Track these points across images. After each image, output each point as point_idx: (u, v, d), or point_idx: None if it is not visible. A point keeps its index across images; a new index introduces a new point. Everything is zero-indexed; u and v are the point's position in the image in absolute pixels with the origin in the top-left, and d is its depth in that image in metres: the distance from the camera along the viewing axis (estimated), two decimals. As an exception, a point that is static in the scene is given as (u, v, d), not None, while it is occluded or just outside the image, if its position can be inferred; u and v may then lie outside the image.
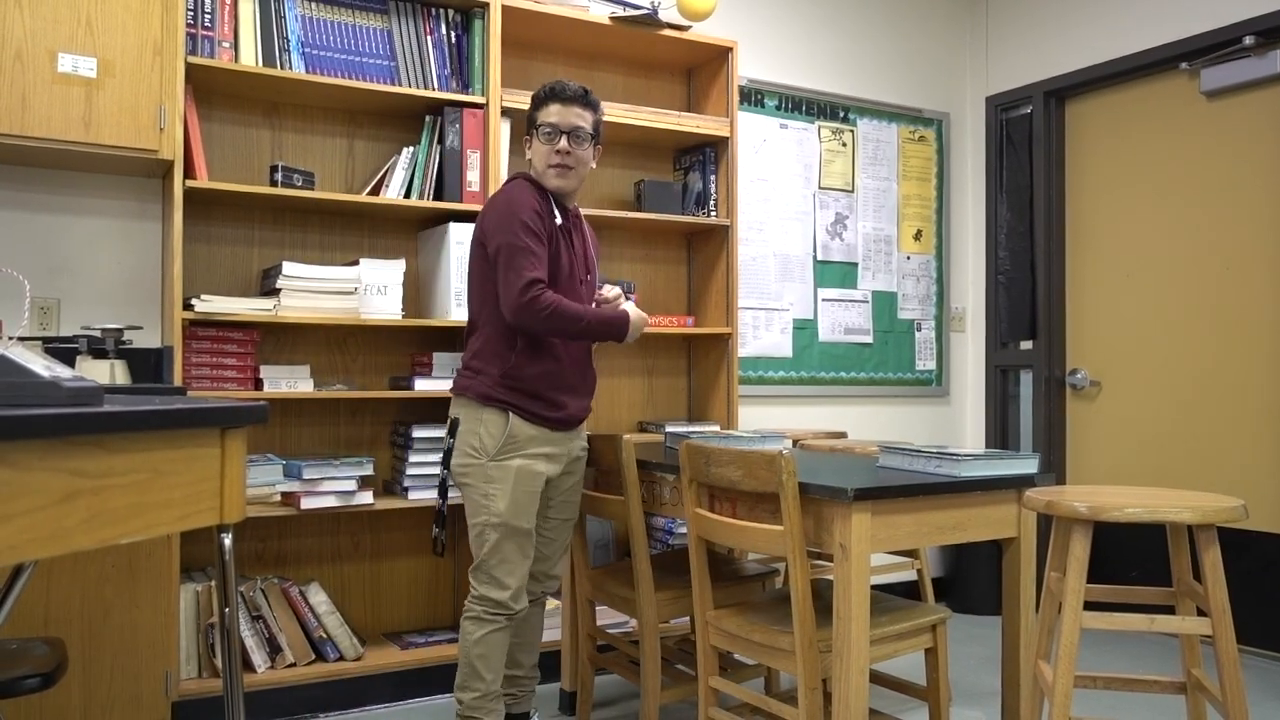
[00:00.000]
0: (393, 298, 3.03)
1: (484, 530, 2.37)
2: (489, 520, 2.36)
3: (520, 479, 2.36)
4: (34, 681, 1.69)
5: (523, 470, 2.37)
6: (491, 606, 2.37)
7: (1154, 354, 4.02)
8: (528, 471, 2.37)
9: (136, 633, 2.46)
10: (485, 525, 2.37)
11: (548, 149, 2.39)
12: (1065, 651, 1.88)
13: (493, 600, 2.37)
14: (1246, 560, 3.65)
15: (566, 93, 2.40)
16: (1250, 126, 3.70)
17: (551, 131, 2.39)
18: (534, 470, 2.39)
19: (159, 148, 2.63)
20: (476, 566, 2.39)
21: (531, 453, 2.39)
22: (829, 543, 2.08)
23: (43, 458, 1.13)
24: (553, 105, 2.40)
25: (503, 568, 2.36)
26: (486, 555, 2.37)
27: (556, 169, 2.39)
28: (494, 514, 2.36)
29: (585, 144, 2.42)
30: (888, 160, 4.41)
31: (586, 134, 2.42)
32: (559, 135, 2.38)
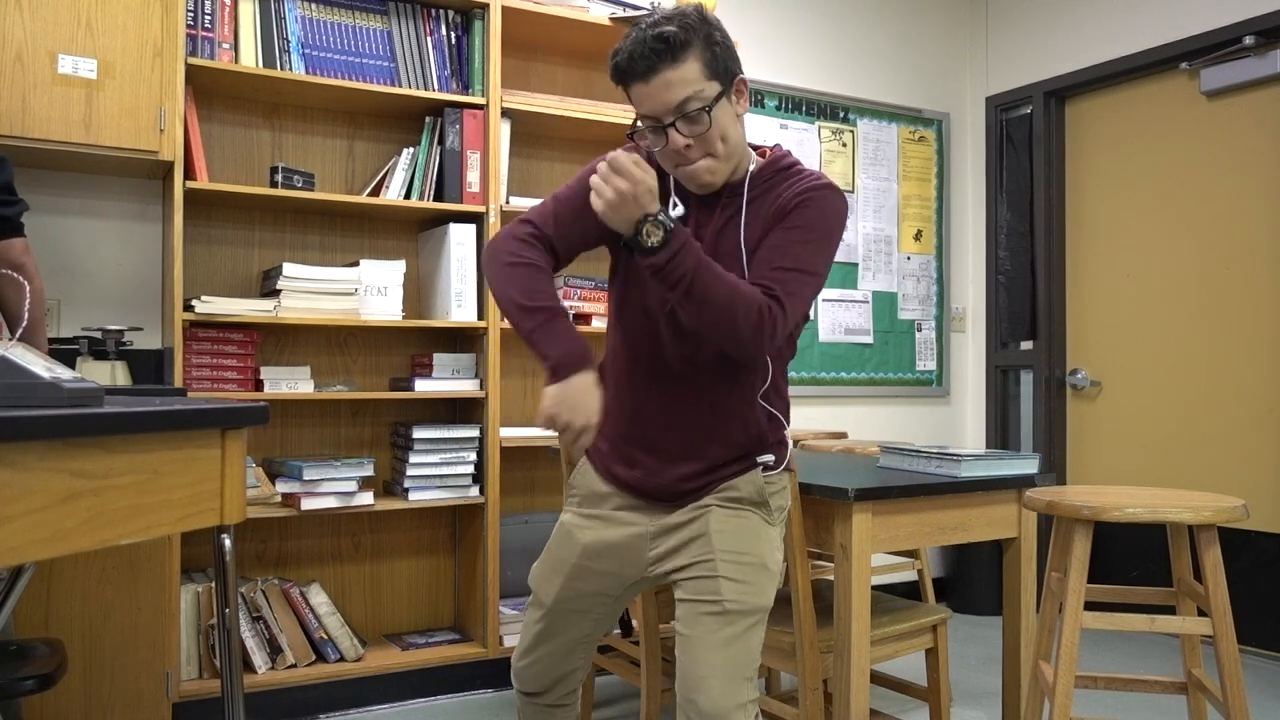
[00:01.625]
0: (393, 299, 3.03)
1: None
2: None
3: (558, 537, 1.79)
4: (34, 682, 1.69)
5: (564, 526, 1.79)
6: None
7: (1154, 354, 4.02)
8: (565, 530, 1.78)
9: (137, 633, 2.46)
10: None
11: (662, 150, 1.59)
12: (1066, 651, 1.88)
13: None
14: (1247, 560, 3.64)
15: (638, 63, 1.52)
16: (1250, 126, 3.70)
17: (652, 125, 1.57)
18: (572, 532, 1.76)
19: (159, 149, 2.63)
20: None
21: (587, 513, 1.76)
22: (829, 543, 2.08)
23: (43, 459, 1.13)
24: (635, 87, 1.55)
25: (523, 634, 1.81)
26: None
27: (686, 172, 1.60)
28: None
29: (702, 118, 1.54)
30: (888, 160, 4.41)
31: (700, 102, 1.53)
32: (662, 130, 1.56)
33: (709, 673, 1.56)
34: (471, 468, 3.10)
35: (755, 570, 1.62)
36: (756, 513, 1.67)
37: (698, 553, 1.63)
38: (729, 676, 1.56)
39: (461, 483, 3.10)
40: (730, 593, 1.59)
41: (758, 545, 1.64)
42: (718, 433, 1.65)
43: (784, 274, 1.54)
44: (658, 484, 1.68)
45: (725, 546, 1.62)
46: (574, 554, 1.72)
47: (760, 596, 1.62)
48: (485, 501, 3.09)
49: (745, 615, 1.60)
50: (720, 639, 1.57)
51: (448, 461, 3.07)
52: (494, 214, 3.11)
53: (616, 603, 1.76)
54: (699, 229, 1.64)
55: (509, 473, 3.39)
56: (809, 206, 1.59)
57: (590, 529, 1.73)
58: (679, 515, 1.67)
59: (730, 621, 1.58)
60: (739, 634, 1.59)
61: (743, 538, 1.64)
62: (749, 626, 1.60)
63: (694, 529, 1.65)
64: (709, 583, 1.60)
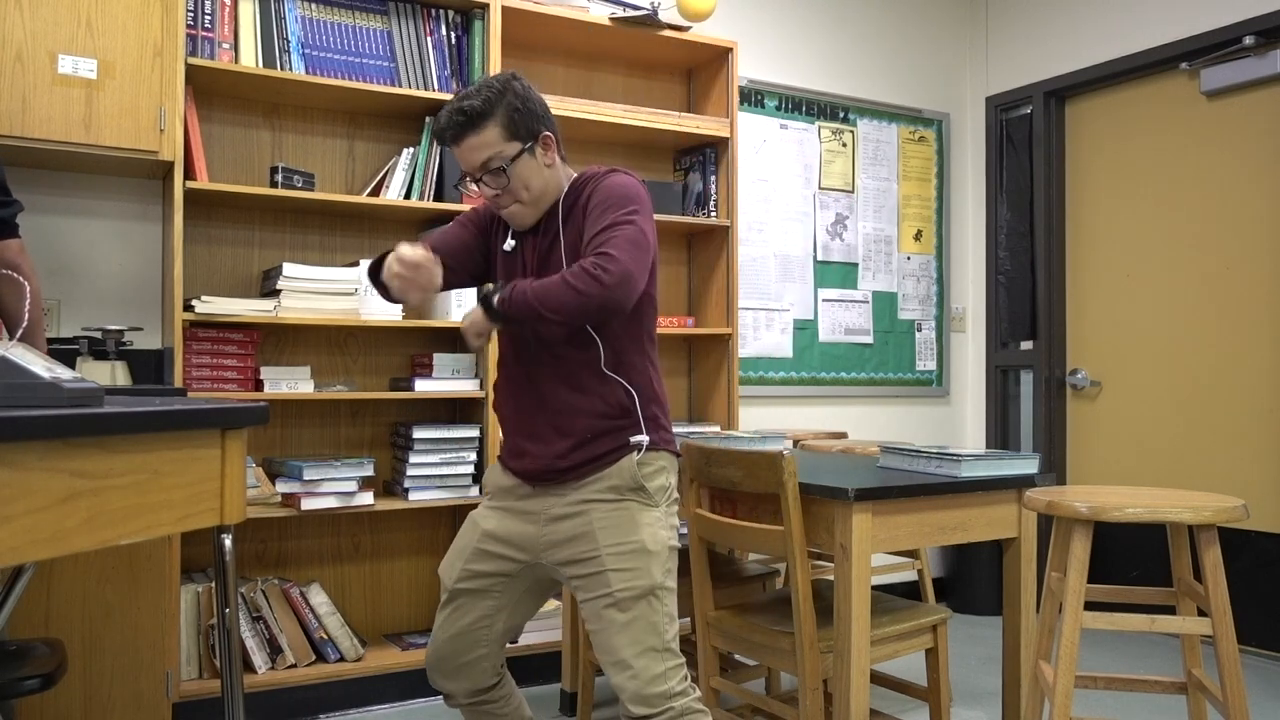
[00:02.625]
0: (393, 298, 3.02)
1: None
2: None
3: (464, 528, 2.01)
4: (34, 682, 1.69)
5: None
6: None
7: (1154, 354, 4.02)
8: (470, 521, 2.00)
9: (137, 634, 2.46)
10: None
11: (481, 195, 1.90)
12: (1066, 651, 1.88)
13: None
14: (1246, 560, 3.65)
15: (446, 132, 1.84)
16: (1250, 126, 3.70)
17: (470, 177, 1.88)
18: (475, 520, 1.98)
19: (159, 149, 2.63)
20: None
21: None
22: (829, 543, 2.08)
23: (43, 459, 1.13)
24: (451, 149, 1.87)
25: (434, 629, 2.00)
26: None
27: (502, 215, 1.91)
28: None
29: (502, 174, 1.83)
30: (888, 160, 4.41)
31: (500, 160, 1.82)
32: (476, 181, 1.86)
33: (624, 655, 1.77)
34: (471, 468, 3.10)
35: (638, 555, 1.80)
36: (634, 499, 1.84)
37: (584, 549, 1.82)
38: (640, 653, 1.77)
39: (461, 483, 3.10)
40: (618, 582, 1.78)
41: (637, 531, 1.82)
42: (577, 406, 1.85)
43: (598, 237, 1.76)
44: (541, 466, 1.87)
45: (608, 541, 1.81)
46: (474, 539, 1.93)
47: (645, 577, 1.80)
48: (485, 501, 3.09)
49: (638, 598, 1.78)
50: (622, 623, 1.78)
51: (448, 461, 3.07)
52: (494, 214, 3.11)
53: (511, 587, 1.92)
54: (530, 252, 1.91)
55: (509, 473, 3.38)
56: (598, 190, 1.84)
57: (492, 517, 1.93)
58: (566, 506, 1.86)
59: (625, 608, 1.78)
60: (636, 616, 1.78)
61: (623, 528, 1.81)
62: (644, 606, 1.79)
63: (579, 524, 1.84)
64: (599, 578, 1.80)
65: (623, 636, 1.77)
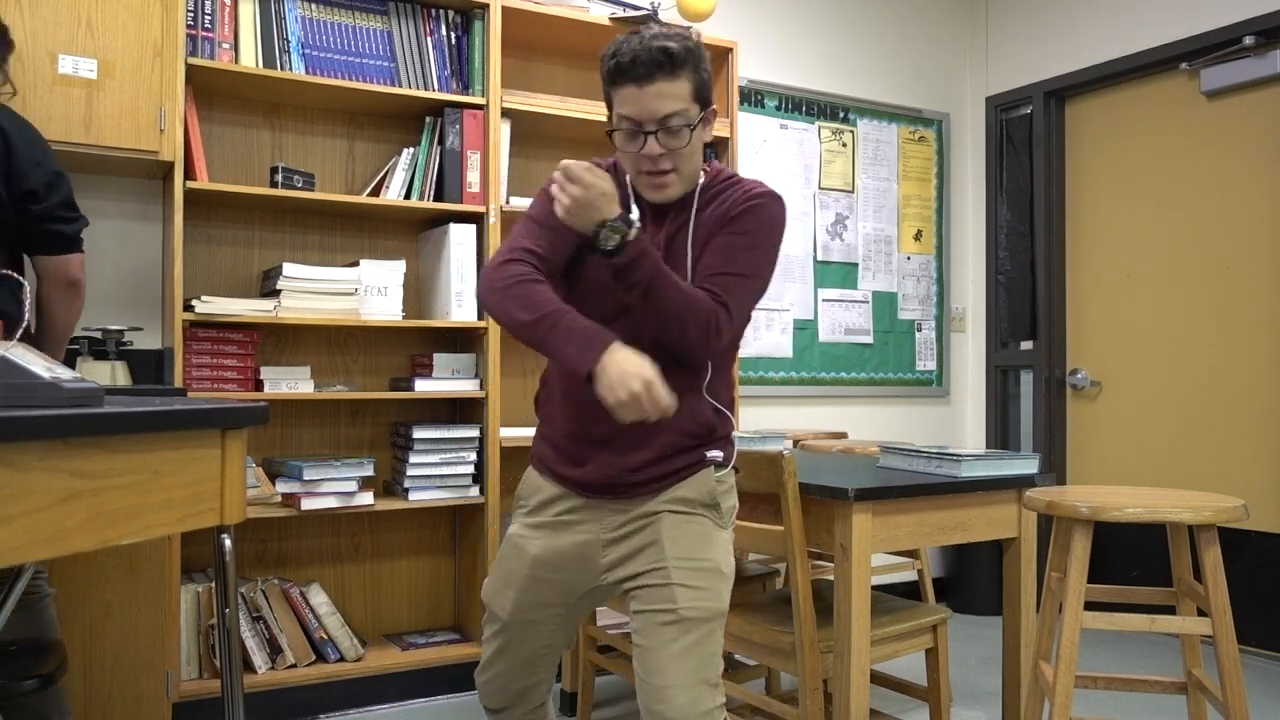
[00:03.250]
0: (393, 299, 3.03)
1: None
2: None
3: (507, 551, 1.78)
4: (34, 683, 1.69)
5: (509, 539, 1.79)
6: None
7: (1154, 354, 4.02)
8: (512, 544, 1.77)
9: (137, 633, 2.46)
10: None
11: (633, 153, 1.62)
12: (1066, 651, 1.88)
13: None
14: (1246, 560, 3.65)
15: (638, 68, 1.56)
16: (1250, 126, 3.70)
17: (631, 128, 1.61)
18: (519, 544, 1.76)
19: (159, 149, 2.63)
20: None
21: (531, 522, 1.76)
22: (829, 543, 2.08)
23: (43, 459, 1.13)
24: (626, 89, 1.58)
25: (484, 648, 1.81)
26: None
27: (650, 179, 1.64)
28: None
29: (682, 134, 1.59)
30: (888, 160, 4.41)
31: (684, 120, 1.59)
32: (641, 135, 1.60)
33: (671, 682, 1.56)
34: (471, 468, 3.10)
35: (710, 575, 1.62)
36: (708, 516, 1.67)
37: (650, 560, 1.62)
38: (691, 684, 1.56)
39: (461, 483, 3.10)
40: (686, 600, 1.58)
41: (711, 549, 1.64)
42: (667, 420, 1.62)
43: (729, 279, 1.61)
44: (608, 477, 1.65)
45: (678, 553, 1.61)
46: (524, 566, 1.70)
47: (717, 601, 1.61)
48: (485, 501, 3.09)
49: (702, 622, 1.59)
50: (679, 648, 1.57)
51: (448, 461, 3.07)
52: (494, 214, 3.11)
53: (571, 612, 1.74)
54: (651, 237, 1.68)
55: (509, 473, 3.38)
56: (751, 214, 1.65)
57: (538, 539, 1.71)
58: (630, 521, 1.66)
59: (687, 630, 1.57)
60: (697, 641, 1.58)
61: (696, 543, 1.63)
62: (707, 633, 1.59)
63: (646, 536, 1.64)
64: (663, 591, 1.60)
65: (679, 662, 1.56)
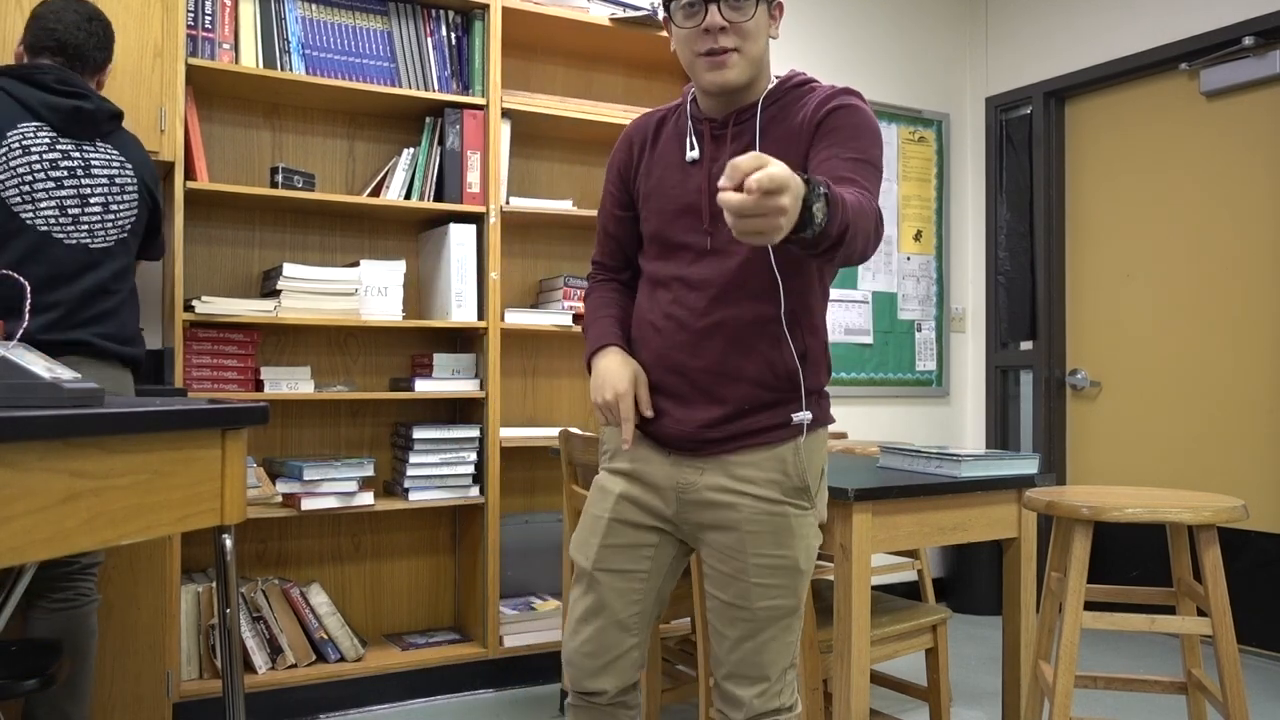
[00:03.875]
0: (393, 299, 3.03)
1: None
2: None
3: (593, 496, 1.72)
4: (34, 682, 1.69)
5: (596, 484, 1.73)
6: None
7: (1154, 354, 4.02)
8: (598, 487, 1.71)
9: (137, 633, 2.46)
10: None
11: (691, 32, 1.53)
12: (1066, 651, 1.89)
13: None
14: (1246, 560, 3.65)
15: None
16: (1250, 126, 3.70)
17: (693, 3, 1.52)
18: (604, 487, 1.69)
19: (159, 149, 2.63)
20: None
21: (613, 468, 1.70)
22: (829, 543, 2.08)
23: (43, 459, 1.13)
24: None
25: (569, 616, 1.71)
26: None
27: (708, 59, 1.53)
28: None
29: (749, 6, 1.51)
30: (887, 161, 4.41)
31: None
32: (702, 6, 1.51)
33: (753, 674, 1.58)
34: (472, 468, 3.10)
35: (787, 573, 1.58)
36: (793, 503, 1.59)
37: (728, 544, 1.58)
38: (770, 675, 1.58)
39: (461, 483, 3.10)
40: (760, 599, 1.56)
41: (790, 543, 1.58)
42: (740, 370, 1.56)
43: (862, 166, 1.48)
44: (681, 431, 1.59)
45: (757, 548, 1.56)
46: (608, 508, 1.64)
47: (791, 597, 1.59)
48: (485, 501, 3.10)
49: (778, 619, 1.58)
50: (757, 644, 1.58)
51: (448, 461, 3.07)
52: (494, 214, 3.11)
53: (660, 556, 1.65)
54: (712, 162, 1.59)
55: (509, 473, 3.39)
56: (849, 112, 1.53)
57: (620, 481, 1.65)
58: (709, 490, 1.59)
59: (764, 627, 1.57)
60: (775, 636, 1.58)
61: (776, 537, 1.57)
62: (783, 628, 1.59)
63: (723, 516, 1.58)
64: (737, 585, 1.57)
65: (758, 656, 1.58)
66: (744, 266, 1.55)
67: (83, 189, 2.14)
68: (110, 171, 2.19)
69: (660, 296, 1.62)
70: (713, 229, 1.57)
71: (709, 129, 1.61)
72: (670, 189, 1.62)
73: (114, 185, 2.20)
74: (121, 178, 2.22)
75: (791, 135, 1.56)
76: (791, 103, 1.59)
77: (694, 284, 1.57)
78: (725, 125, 1.59)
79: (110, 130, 2.22)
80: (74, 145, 2.14)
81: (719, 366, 1.56)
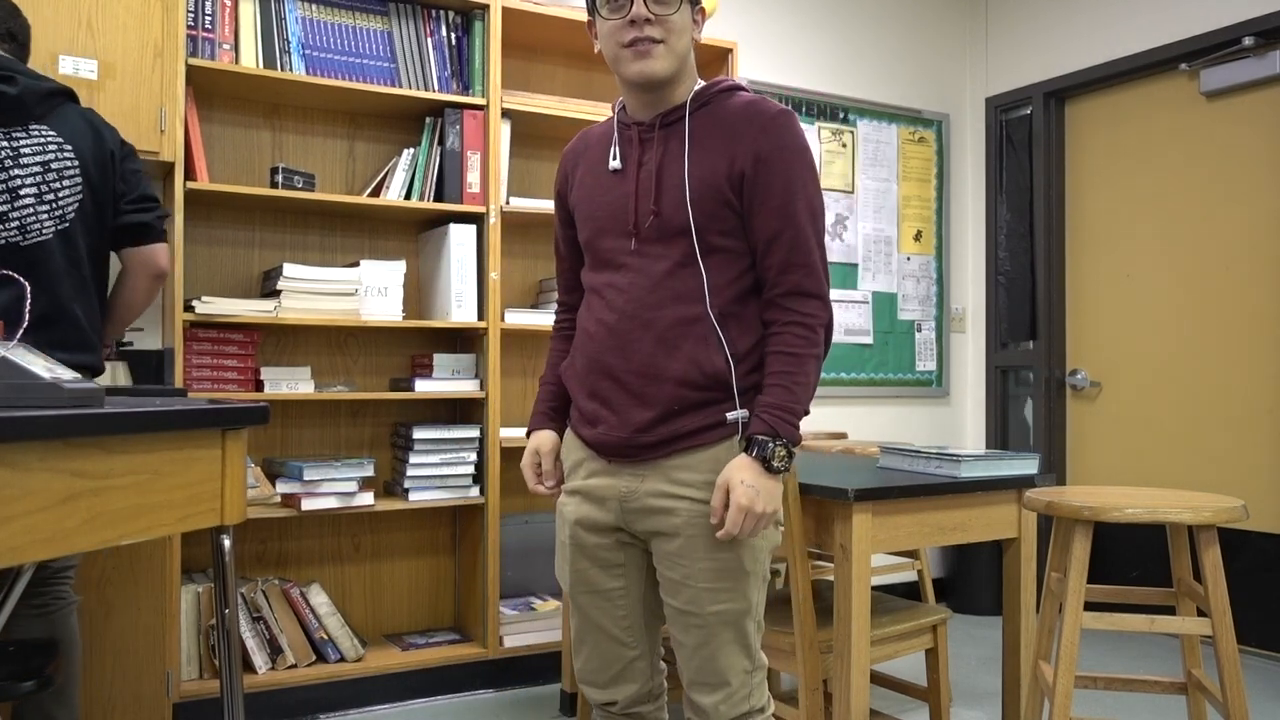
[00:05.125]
0: (393, 299, 3.03)
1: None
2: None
3: (558, 522, 1.73)
4: (34, 683, 1.69)
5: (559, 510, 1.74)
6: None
7: (1154, 354, 4.02)
8: (559, 513, 1.73)
9: (137, 634, 2.46)
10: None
11: (616, 24, 1.55)
12: (1066, 651, 1.89)
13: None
14: (1246, 560, 3.65)
15: None
16: (1250, 126, 3.70)
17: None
18: (562, 512, 1.71)
19: (160, 149, 2.63)
20: None
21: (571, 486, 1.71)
22: (829, 543, 2.08)
23: (44, 459, 1.13)
24: None
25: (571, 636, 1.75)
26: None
27: (633, 50, 1.54)
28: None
29: (673, 1, 1.54)
30: (888, 161, 4.41)
31: None
32: (626, 1, 1.54)
33: (713, 681, 1.58)
34: (472, 468, 3.10)
35: (733, 576, 1.56)
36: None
37: (673, 554, 1.57)
38: (730, 680, 1.58)
39: (462, 483, 3.10)
40: (710, 604, 1.56)
41: (733, 546, 1.56)
42: (665, 371, 1.55)
43: (799, 251, 1.55)
44: (617, 438, 1.59)
45: (696, 553, 1.56)
46: (567, 534, 1.67)
47: (740, 600, 1.58)
48: (485, 502, 3.10)
49: (729, 623, 1.57)
50: (713, 649, 1.57)
51: (448, 462, 3.07)
52: (494, 214, 3.11)
53: (630, 568, 1.65)
54: (639, 167, 1.60)
55: (509, 473, 3.39)
56: (784, 159, 1.55)
57: (572, 504, 1.67)
58: (648, 497, 1.58)
59: (716, 632, 1.57)
60: (730, 640, 1.58)
61: (718, 543, 1.55)
62: (739, 631, 1.58)
63: (665, 524, 1.57)
64: (689, 592, 1.57)
65: (714, 663, 1.58)
66: (671, 268, 1.56)
67: (12, 181, 2.00)
68: (45, 157, 2.05)
69: (595, 304, 1.64)
70: (637, 231, 1.58)
71: (638, 133, 1.62)
72: (599, 196, 1.64)
73: (49, 172, 2.04)
74: (59, 162, 2.06)
75: (723, 143, 1.56)
76: (720, 107, 1.60)
77: (622, 288, 1.59)
78: (653, 128, 1.60)
79: (45, 111, 2.07)
80: (2, 134, 2.01)
81: (645, 368, 1.56)
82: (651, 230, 1.57)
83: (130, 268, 2.29)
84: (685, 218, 1.55)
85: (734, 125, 1.57)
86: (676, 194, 1.55)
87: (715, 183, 1.55)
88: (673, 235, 1.56)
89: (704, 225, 1.55)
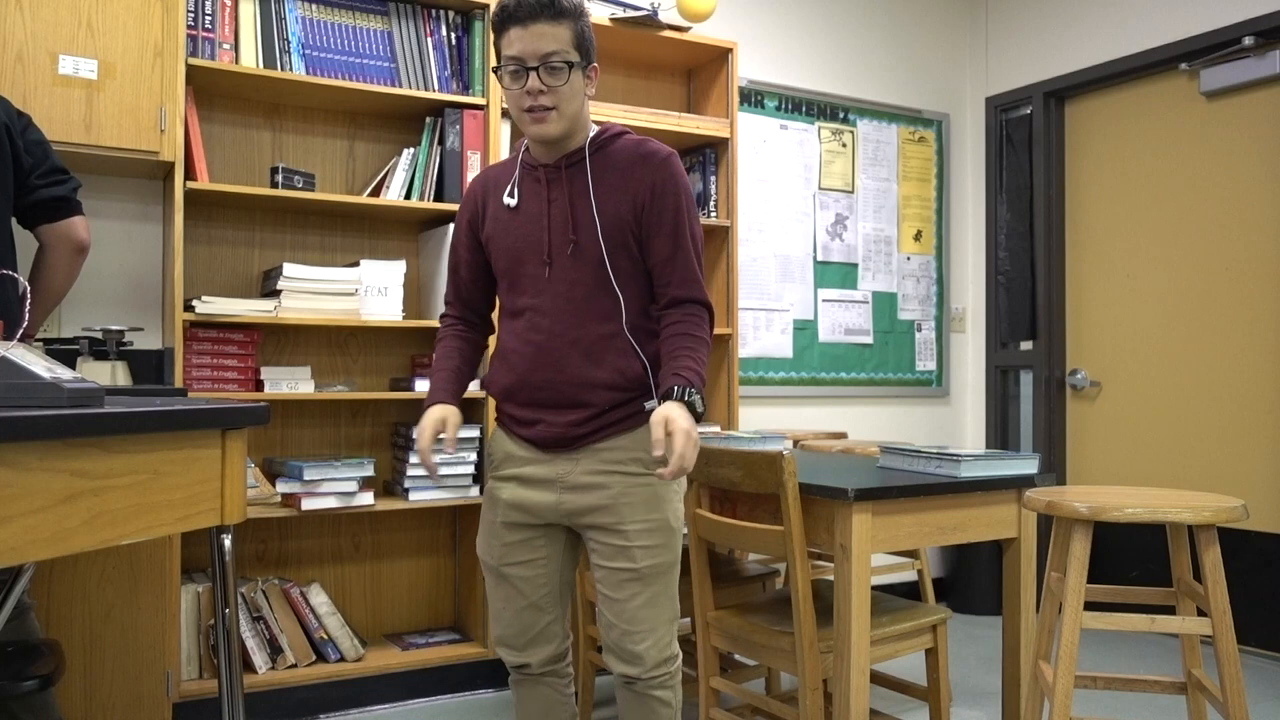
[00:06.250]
0: (393, 299, 3.03)
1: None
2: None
3: (485, 504, 2.01)
4: (34, 682, 1.69)
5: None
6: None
7: (1154, 354, 4.02)
8: (489, 495, 1.99)
9: (137, 634, 2.46)
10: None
11: (516, 92, 1.79)
12: (1065, 651, 1.89)
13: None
14: (1246, 560, 3.65)
15: (522, 10, 1.76)
16: (1250, 126, 3.70)
17: (516, 68, 1.78)
18: (494, 495, 1.97)
19: (160, 149, 2.63)
20: None
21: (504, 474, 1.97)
22: (829, 543, 2.08)
23: (44, 459, 1.13)
24: (511, 30, 1.78)
25: (491, 607, 2.01)
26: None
27: (531, 116, 1.80)
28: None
29: (563, 74, 1.77)
30: (888, 161, 4.41)
31: (563, 59, 1.77)
32: (524, 73, 1.77)
33: (645, 627, 1.85)
34: (472, 468, 3.10)
35: (662, 532, 1.85)
36: (655, 475, 1.84)
37: (608, 520, 1.84)
38: (656, 626, 1.86)
39: (461, 483, 3.10)
40: (645, 558, 1.84)
41: (661, 507, 1.86)
42: (595, 379, 1.85)
43: (678, 262, 1.86)
44: (554, 433, 1.87)
45: (634, 516, 1.84)
46: (499, 512, 1.92)
47: (669, 553, 1.87)
48: (485, 502, 3.10)
49: (660, 575, 1.86)
50: (647, 597, 1.85)
51: (448, 462, 3.07)
52: (494, 214, 3.11)
53: (551, 545, 1.93)
54: (550, 203, 1.86)
55: (509, 473, 3.38)
56: (671, 185, 1.85)
57: (506, 488, 1.92)
58: (583, 474, 1.86)
59: (650, 582, 1.85)
60: (659, 591, 1.86)
61: (648, 504, 1.85)
62: (666, 582, 1.87)
63: (600, 496, 1.85)
64: (623, 552, 1.84)
65: (648, 610, 1.86)
66: (587, 291, 1.84)
67: None
68: None
69: (517, 325, 1.89)
70: (550, 260, 1.85)
71: (545, 173, 1.88)
72: (514, 230, 1.89)
73: None
74: None
75: (622, 181, 1.85)
76: (613, 149, 1.88)
77: (544, 310, 1.86)
78: (559, 169, 1.87)
79: None
80: None
81: (578, 378, 1.85)
82: (566, 259, 1.84)
83: (49, 244, 2.26)
84: (599, 247, 1.83)
85: (629, 166, 1.85)
86: (590, 228, 1.84)
87: (621, 216, 1.83)
88: (587, 262, 1.84)
89: (613, 252, 1.84)
